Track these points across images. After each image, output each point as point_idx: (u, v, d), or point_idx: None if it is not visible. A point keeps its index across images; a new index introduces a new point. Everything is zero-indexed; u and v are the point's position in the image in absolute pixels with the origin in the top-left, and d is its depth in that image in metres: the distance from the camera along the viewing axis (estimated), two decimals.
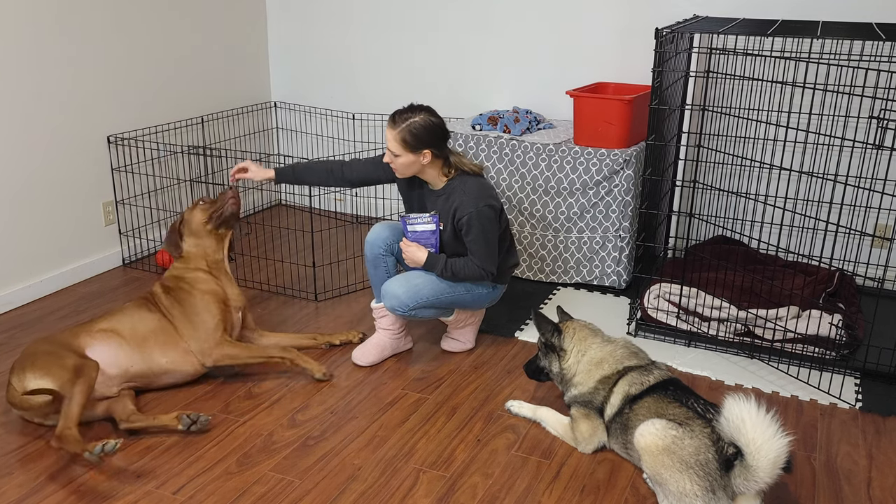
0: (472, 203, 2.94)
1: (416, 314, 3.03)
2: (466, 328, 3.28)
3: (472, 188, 2.99)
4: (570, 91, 3.73)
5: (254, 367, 3.10)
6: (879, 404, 2.90)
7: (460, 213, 2.96)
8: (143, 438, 2.66)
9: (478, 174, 3.07)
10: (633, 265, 3.63)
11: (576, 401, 2.63)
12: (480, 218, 2.95)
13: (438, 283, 3.03)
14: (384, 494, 2.40)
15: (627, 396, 2.48)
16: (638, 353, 2.62)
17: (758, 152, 3.89)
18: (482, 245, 2.98)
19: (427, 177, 3.05)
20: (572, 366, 2.64)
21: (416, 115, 2.92)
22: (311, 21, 4.86)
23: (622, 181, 3.64)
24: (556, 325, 2.71)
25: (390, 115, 2.98)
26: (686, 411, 2.31)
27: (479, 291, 3.13)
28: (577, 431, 2.61)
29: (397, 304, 3.00)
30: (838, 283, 3.58)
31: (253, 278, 3.99)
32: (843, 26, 3.34)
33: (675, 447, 2.21)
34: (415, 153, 2.93)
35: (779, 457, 2.06)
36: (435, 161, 2.99)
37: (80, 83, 3.84)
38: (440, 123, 2.97)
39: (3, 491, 2.40)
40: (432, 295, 3.02)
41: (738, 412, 2.08)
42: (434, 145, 2.94)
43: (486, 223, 2.97)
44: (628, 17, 4.07)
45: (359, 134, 4.89)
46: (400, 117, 2.92)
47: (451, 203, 3.00)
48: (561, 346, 2.67)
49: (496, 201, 3.03)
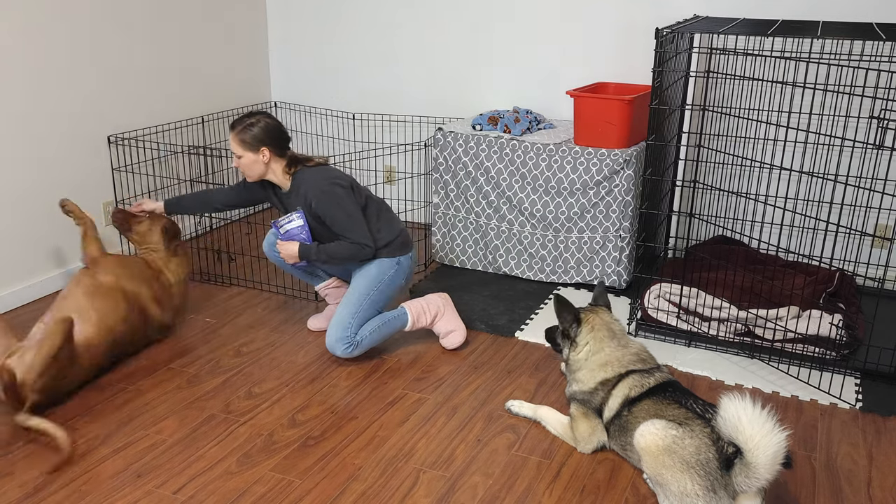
0: (317, 186, 3.09)
1: (363, 339, 3.11)
2: (447, 316, 3.30)
3: (314, 175, 3.15)
4: (570, 91, 3.73)
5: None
6: (880, 404, 2.90)
7: (309, 199, 3.10)
8: (144, 438, 2.66)
9: (322, 164, 3.21)
10: (634, 265, 3.63)
11: (575, 397, 2.63)
12: (329, 196, 3.07)
13: (348, 299, 3.13)
14: (384, 494, 2.40)
15: (626, 399, 2.47)
16: (646, 359, 2.59)
17: (758, 152, 3.89)
18: (344, 220, 3.08)
19: (276, 179, 3.19)
20: (580, 360, 2.63)
21: (252, 118, 3.11)
22: (311, 21, 4.86)
23: (622, 181, 3.64)
24: (576, 314, 2.66)
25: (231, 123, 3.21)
26: (685, 412, 2.31)
27: (386, 274, 3.20)
28: (577, 431, 2.61)
29: (339, 346, 3.09)
30: (838, 283, 3.58)
31: (253, 278, 3.99)
32: (843, 26, 3.34)
33: (676, 447, 2.21)
34: (253, 152, 3.09)
35: (777, 452, 2.05)
36: (276, 160, 3.14)
37: (80, 83, 3.84)
38: (276, 125, 3.14)
39: (3, 491, 2.40)
40: (353, 310, 3.10)
41: (735, 410, 2.08)
42: (270, 144, 3.10)
43: (338, 199, 3.08)
44: (628, 17, 4.07)
45: (359, 134, 4.89)
46: (238, 122, 3.12)
47: (301, 195, 3.14)
48: (575, 339, 2.65)
49: (341, 179, 3.15)
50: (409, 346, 3.34)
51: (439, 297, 3.33)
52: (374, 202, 3.25)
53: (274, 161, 3.14)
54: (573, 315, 2.66)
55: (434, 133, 3.98)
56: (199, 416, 2.80)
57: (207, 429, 2.72)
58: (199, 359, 3.20)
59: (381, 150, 4.73)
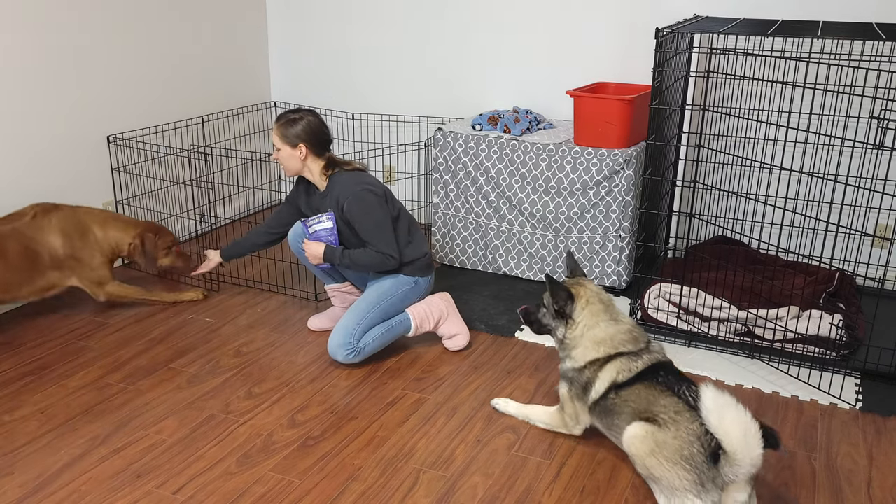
0: (350, 189, 3.10)
1: (366, 346, 3.10)
2: (451, 320, 3.29)
3: (349, 178, 3.16)
4: (570, 91, 3.73)
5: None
6: (880, 404, 2.90)
7: (341, 202, 3.10)
8: (144, 438, 2.66)
9: (360, 170, 3.22)
10: (634, 265, 3.63)
11: (566, 375, 2.62)
12: (360, 201, 3.07)
13: (357, 307, 3.12)
14: (384, 494, 2.40)
15: (613, 384, 2.46)
16: (638, 337, 2.55)
17: (758, 152, 3.89)
18: (372, 228, 3.08)
19: (312, 178, 3.22)
20: (577, 338, 2.58)
21: (297, 114, 3.15)
22: (311, 21, 4.86)
23: (622, 181, 3.64)
24: (569, 292, 2.60)
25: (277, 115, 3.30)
26: (676, 402, 2.30)
27: (401, 289, 3.19)
28: (566, 413, 2.62)
29: (341, 351, 3.07)
30: (838, 284, 3.58)
31: (253, 278, 3.99)
32: (843, 26, 3.34)
33: (659, 449, 2.24)
34: (291, 147, 3.13)
35: (747, 432, 2.05)
36: (314, 160, 3.17)
37: (80, 83, 3.84)
38: (318, 124, 3.17)
39: (3, 491, 2.40)
40: (359, 318, 3.09)
41: (703, 403, 2.11)
42: (309, 142, 3.12)
43: (368, 206, 3.07)
44: (628, 16, 4.07)
45: (359, 134, 4.89)
46: (283, 116, 3.16)
47: (334, 198, 3.15)
48: (571, 315, 2.60)
49: (375, 187, 3.14)
50: (410, 346, 3.34)
51: (441, 299, 3.32)
52: (406, 217, 3.24)
53: (311, 160, 3.16)
54: (566, 293, 2.59)
55: (434, 133, 3.98)
56: (198, 416, 2.80)
57: (207, 429, 2.72)
58: (199, 359, 3.20)
59: (380, 150, 4.73)
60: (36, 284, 3.31)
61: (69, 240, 3.34)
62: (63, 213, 3.38)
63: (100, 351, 3.26)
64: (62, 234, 3.34)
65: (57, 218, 3.35)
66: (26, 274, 3.26)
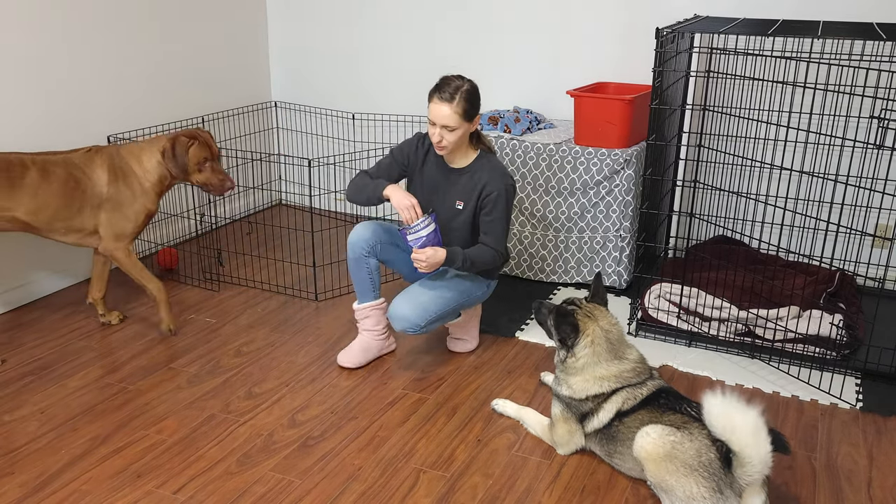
0: (501, 180, 2.95)
1: (426, 329, 3.04)
2: (470, 326, 3.28)
3: (499, 166, 3.02)
4: (570, 91, 3.73)
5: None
6: (880, 404, 2.90)
7: (489, 190, 2.94)
8: (144, 438, 2.66)
9: (493, 152, 3.11)
10: (634, 265, 3.63)
11: (561, 398, 2.57)
12: (507, 196, 2.97)
13: (441, 295, 3.03)
14: (384, 494, 2.40)
15: (618, 412, 2.43)
16: (641, 371, 2.50)
17: (758, 152, 3.89)
18: (502, 223, 2.98)
19: (459, 151, 2.98)
20: (577, 369, 2.52)
21: (461, 82, 2.82)
22: (311, 21, 4.86)
23: (623, 181, 3.64)
24: (575, 325, 2.51)
25: (436, 91, 2.83)
26: (681, 417, 2.29)
27: (475, 293, 3.15)
28: (556, 434, 2.59)
29: (408, 325, 2.98)
30: (839, 283, 3.58)
31: (253, 278, 3.99)
32: (843, 26, 3.34)
33: (677, 451, 2.19)
34: (469, 121, 2.86)
35: (757, 430, 2.04)
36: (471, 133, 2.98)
37: (80, 83, 3.84)
38: (477, 88, 2.91)
39: (4, 491, 2.40)
40: (438, 308, 3.02)
41: (708, 408, 2.10)
42: (479, 112, 2.91)
43: (510, 202, 3.00)
44: (629, 16, 4.07)
45: (359, 134, 4.89)
46: (451, 88, 2.78)
47: (476, 180, 2.98)
48: (573, 348, 2.53)
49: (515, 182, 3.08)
50: (410, 346, 3.34)
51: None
52: None
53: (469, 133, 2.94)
54: (572, 327, 2.52)
55: None
56: (198, 416, 2.80)
57: (207, 429, 2.72)
58: (199, 359, 3.20)
59: (381, 150, 4.73)
60: (72, 221, 3.20)
61: (114, 179, 3.26)
62: (116, 152, 3.32)
63: (100, 351, 3.26)
64: (110, 171, 3.25)
65: (109, 155, 3.29)
66: (66, 202, 3.17)
